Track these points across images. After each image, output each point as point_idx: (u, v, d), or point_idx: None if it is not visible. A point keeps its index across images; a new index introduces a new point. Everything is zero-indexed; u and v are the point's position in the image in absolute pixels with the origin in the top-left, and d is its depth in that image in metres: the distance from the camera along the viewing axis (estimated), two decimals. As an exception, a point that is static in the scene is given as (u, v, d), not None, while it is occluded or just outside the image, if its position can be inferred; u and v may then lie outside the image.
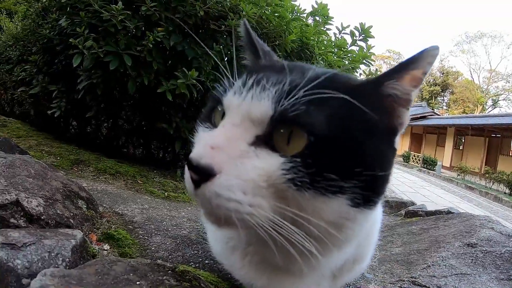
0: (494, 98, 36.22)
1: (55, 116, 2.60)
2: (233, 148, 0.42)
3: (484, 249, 1.17)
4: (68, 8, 2.04)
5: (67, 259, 0.71)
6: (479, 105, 34.66)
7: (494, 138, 17.64)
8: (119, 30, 1.67)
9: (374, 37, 2.85)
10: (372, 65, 2.94)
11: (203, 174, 0.40)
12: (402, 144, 25.61)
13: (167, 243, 1.01)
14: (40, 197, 0.97)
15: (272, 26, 2.00)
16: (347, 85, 0.47)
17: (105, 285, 0.56)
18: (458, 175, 16.14)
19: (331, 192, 0.41)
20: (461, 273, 1.02)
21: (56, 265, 0.69)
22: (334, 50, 2.70)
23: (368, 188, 0.44)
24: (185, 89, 1.68)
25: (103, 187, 1.64)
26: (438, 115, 28.10)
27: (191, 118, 2.04)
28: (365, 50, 2.94)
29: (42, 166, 1.21)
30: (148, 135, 2.55)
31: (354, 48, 2.92)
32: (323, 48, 2.63)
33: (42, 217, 0.90)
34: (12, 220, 0.85)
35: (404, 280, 0.98)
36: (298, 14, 2.21)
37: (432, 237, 1.35)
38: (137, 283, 0.59)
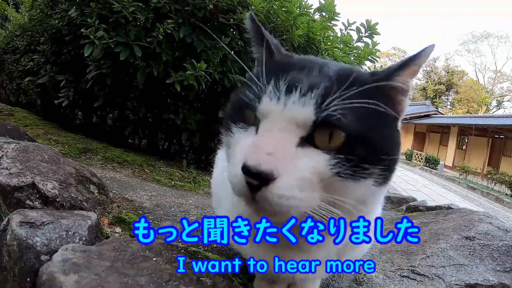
0: (498, 99, 35.99)
1: (63, 105, 2.64)
2: (285, 151, 0.47)
3: (482, 242, 1.20)
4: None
5: (84, 238, 0.74)
6: (483, 106, 34.46)
7: (498, 139, 17.55)
8: (129, 21, 1.70)
9: (380, 34, 2.87)
10: (377, 61, 2.96)
11: (264, 179, 0.45)
12: (405, 142, 25.55)
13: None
14: (54, 180, 1.01)
15: (279, 21, 2.02)
16: (368, 83, 0.52)
17: (124, 260, 0.60)
18: (460, 174, 16.12)
19: (364, 177, 0.49)
20: (459, 264, 1.05)
21: (74, 243, 0.72)
22: (340, 45, 2.71)
23: (387, 169, 0.52)
24: (193, 81, 1.71)
25: (111, 174, 1.67)
26: (442, 114, 27.97)
27: (197, 110, 2.07)
28: (370, 47, 2.96)
29: (54, 152, 1.25)
30: (154, 126, 2.58)
31: (360, 44, 2.94)
32: (329, 43, 2.64)
33: (57, 199, 0.94)
34: (28, 201, 0.89)
35: (403, 269, 1.01)
36: (305, 10, 2.23)
37: (432, 230, 1.38)
38: (154, 259, 0.63)
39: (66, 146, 2.26)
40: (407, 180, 13.12)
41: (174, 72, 1.77)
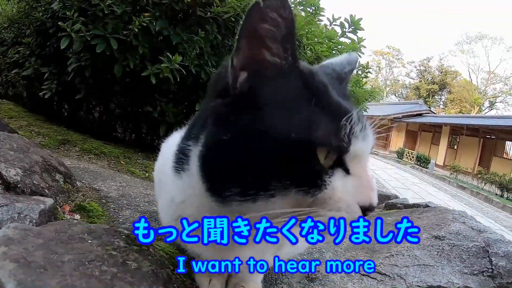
0: (491, 99, 36.33)
1: (46, 97, 2.64)
2: None
3: (452, 242, 1.15)
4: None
5: (34, 220, 0.77)
6: (476, 106, 34.77)
7: (489, 140, 17.74)
8: (107, 14, 1.71)
9: (363, 29, 2.89)
10: (361, 57, 2.99)
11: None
12: (396, 140, 25.69)
13: (135, 217, 1.07)
14: (19, 168, 1.02)
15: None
16: None
17: (59, 240, 0.62)
18: (451, 174, 16.28)
19: None
20: (423, 264, 1.01)
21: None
22: (325, 40, 2.71)
23: None
24: (168, 73, 1.72)
25: (85, 165, 1.69)
26: (435, 113, 28.15)
27: (175, 103, 2.09)
28: (356, 42, 2.98)
29: (25, 142, 1.26)
30: (136, 119, 2.59)
31: (346, 40, 2.96)
32: (314, 38, 2.65)
33: (19, 185, 0.96)
34: None
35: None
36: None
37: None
38: (89, 241, 0.65)
39: (46, 138, 2.27)
40: (397, 178, 13.21)
41: (151, 65, 1.78)
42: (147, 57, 1.83)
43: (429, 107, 31.15)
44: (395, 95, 46.37)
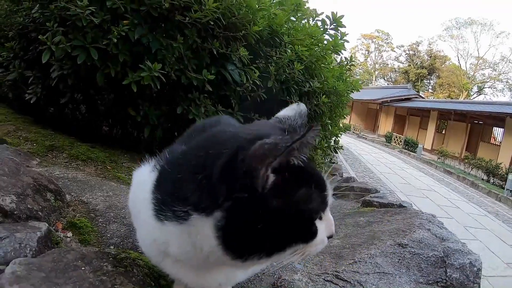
0: (479, 85, 36.81)
1: (32, 102, 2.65)
2: None
3: (413, 250, 1.18)
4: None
5: (34, 249, 0.85)
6: (464, 91, 35.22)
7: (476, 125, 18.05)
8: (86, 24, 1.73)
9: (345, 27, 2.95)
10: (342, 54, 3.05)
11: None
12: (385, 124, 25.97)
13: (121, 230, 1.14)
14: (13, 194, 1.08)
15: (238, 17, 2.07)
16: None
17: (58, 270, 0.71)
18: (438, 158, 16.60)
19: None
20: (383, 272, 1.06)
21: (25, 254, 0.83)
22: (306, 37, 2.74)
23: None
24: (149, 81, 1.76)
25: (74, 174, 1.74)
26: (423, 98, 28.41)
27: (158, 106, 2.13)
28: (338, 38, 3.03)
29: (15, 163, 1.30)
30: (122, 119, 2.63)
31: (328, 36, 3.01)
32: (296, 35, 2.67)
33: (15, 212, 1.02)
34: None
35: (328, 273, 1.04)
36: (264, 5, 2.28)
37: (372, 232, 1.38)
38: (82, 268, 0.74)
39: (34, 144, 2.30)
40: (385, 162, 13.42)
41: (132, 72, 1.82)
42: (128, 64, 1.86)
43: (418, 92, 31.43)
44: (384, 78, 46.58)
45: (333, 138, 3.91)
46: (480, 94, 36.78)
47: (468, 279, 1.02)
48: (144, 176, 0.70)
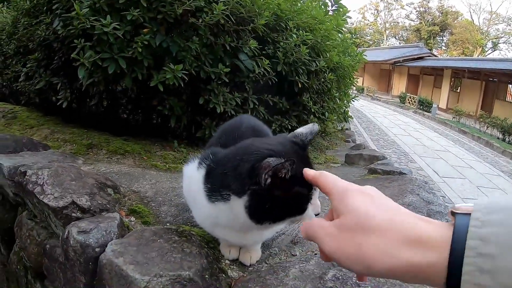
0: (494, 40, 35.23)
1: (63, 106, 2.91)
2: None
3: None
4: (59, 11, 2.28)
5: (116, 233, 1.12)
6: (478, 47, 33.85)
7: (491, 83, 17.53)
8: (113, 39, 1.94)
9: (346, 8, 3.07)
10: (342, 33, 3.18)
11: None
12: (399, 85, 25.49)
13: (172, 211, 1.40)
14: (85, 194, 1.33)
15: (245, 11, 2.25)
16: None
17: (142, 244, 1.00)
18: (454, 117, 16.36)
19: None
20: None
21: (111, 238, 1.10)
22: (309, 19, 2.87)
23: None
24: (173, 80, 1.99)
25: (117, 168, 2.00)
26: (436, 56, 27.51)
27: (181, 98, 2.38)
28: (340, 15, 3.15)
29: (76, 168, 1.56)
30: (148, 113, 2.89)
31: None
32: (300, 18, 2.82)
33: (91, 208, 1.28)
34: (73, 214, 1.24)
35: None
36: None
37: None
38: (158, 240, 1.02)
39: (74, 145, 2.56)
40: (399, 124, 13.33)
41: (156, 73, 2.04)
42: (151, 66, 2.09)
43: (431, 50, 30.36)
44: (395, 38, 45.07)
45: (343, 109, 4.13)
46: (495, 50, 35.40)
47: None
48: (193, 171, 0.98)
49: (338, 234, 0.46)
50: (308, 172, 0.64)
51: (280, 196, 0.77)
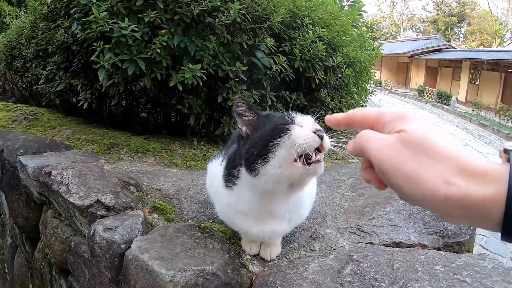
0: (513, 31, 33.98)
1: (84, 107, 2.99)
2: None
3: (420, 208, 1.29)
4: (77, 15, 2.34)
5: (140, 230, 1.17)
6: (497, 38, 32.71)
7: (511, 74, 16.96)
8: (131, 40, 1.98)
9: (364, 4, 3.02)
10: (358, 27, 3.13)
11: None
12: (417, 78, 24.91)
13: (194, 208, 1.43)
14: (109, 192, 1.38)
15: (261, 9, 2.25)
16: None
17: (166, 240, 1.03)
18: (473, 110, 15.91)
19: None
20: (395, 225, 1.28)
21: (136, 235, 1.14)
22: (324, 15, 2.85)
23: None
24: (192, 79, 2.02)
25: (139, 166, 2.05)
26: (454, 47, 26.73)
27: (200, 97, 2.41)
28: (356, 9, 3.11)
29: (99, 167, 1.61)
30: (167, 111, 2.93)
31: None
32: (313, 15, 2.80)
33: (115, 206, 1.32)
34: (98, 212, 1.29)
35: (353, 227, 1.28)
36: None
37: (390, 192, 1.50)
38: (181, 237, 1.05)
39: (95, 145, 2.62)
40: (418, 118, 13.07)
41: (175, 73, 2.07)
42: (170, 67, 2.12)
43: (448, 41, 29.51)
44: (412, 29, 44.07)
45: (361, 104, 4.08)
46: (514, 40, 34.11)
47: (461, 230, 1.22)
48: (216, 168, 1.06)
49: (399, 147, 0.43)
50: (334, 116, 0.55)
51: (257, 136, 0.86)
